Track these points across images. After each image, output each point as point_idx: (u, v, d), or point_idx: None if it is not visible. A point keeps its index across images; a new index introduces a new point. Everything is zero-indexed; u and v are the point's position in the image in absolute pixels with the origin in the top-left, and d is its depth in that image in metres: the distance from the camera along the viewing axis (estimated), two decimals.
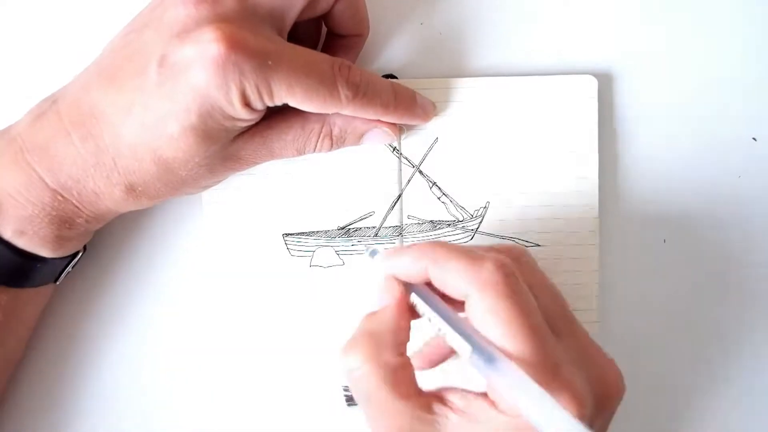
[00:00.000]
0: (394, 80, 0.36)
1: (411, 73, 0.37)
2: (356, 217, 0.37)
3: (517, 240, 0.37)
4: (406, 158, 0.37)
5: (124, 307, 0.38)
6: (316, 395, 0.38)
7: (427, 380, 0.28)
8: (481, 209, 0.37)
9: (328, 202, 0.37)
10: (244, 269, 0.37)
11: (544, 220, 0.37)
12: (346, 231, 0.37)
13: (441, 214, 0.37)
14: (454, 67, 0.37)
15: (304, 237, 0.37)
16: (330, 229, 0.37)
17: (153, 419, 0.38)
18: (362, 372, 0.26)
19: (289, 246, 0.37)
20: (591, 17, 0.38)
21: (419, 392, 0.26)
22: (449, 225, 0.37)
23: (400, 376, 0.26)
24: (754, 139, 0.38)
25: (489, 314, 0.25)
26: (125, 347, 0.38)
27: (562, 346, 0.26)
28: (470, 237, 0.37)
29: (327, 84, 0.30)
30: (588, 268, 0.37)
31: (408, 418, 0.26)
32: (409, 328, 0.28)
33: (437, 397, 0.26)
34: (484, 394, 0.26)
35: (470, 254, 0.27)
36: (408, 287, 0.28)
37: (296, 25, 0.32)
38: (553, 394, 0.24)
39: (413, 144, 0.37)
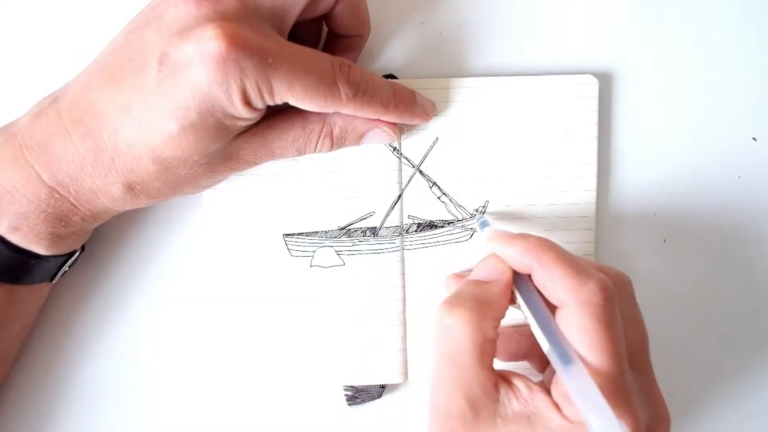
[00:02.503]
0: (394, 80, 0.36)
1: (411, 73, 0.37)
2: (356, 217, 0.37)
3: None
4: (406, 158, 0.37)
5: (123, 306, 0.38)
6: (317, 395, 0.38)
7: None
8: (481, 208, 0.37)
9: (328, 202, 0.37)
10: (244, 269, 0.37)
11: (543, 219, 0.37)
12: (346, 231, 0.37)
13: (441, 213, 0.37)
14: (454, 67, 0.37)
15: (304, 237, 0.37)
16: (330, 229, 0.37)
17: (151, 419, 0.38)
18: (458, 331, 0.27)
19: (289, 246, 0.37)
20: (591, 17, 0.38)
21: (493, 368, 0.28)
22: (449, 224, 0.37)
23: (487, 348, 0.28)
24: (754, 139, 0.38)
25: (579, 330, 0.26)
26: (123, 347, 0.38)
27: (634, 378, 0.27)
28: (469, 236, 0.37)
29: (327, 82, 0.30)
30: None
31: (478, 387, 0.27)
32: (507, 308, 0.29)
33: (504, 378, 0.28)
34: (547, 390, 0.27)
35: (576, 266, 0.27)
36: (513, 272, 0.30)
37: (297, 25, 0.32)
38: (619, 415, 0.25)
39: (413, 144, 0.37)
